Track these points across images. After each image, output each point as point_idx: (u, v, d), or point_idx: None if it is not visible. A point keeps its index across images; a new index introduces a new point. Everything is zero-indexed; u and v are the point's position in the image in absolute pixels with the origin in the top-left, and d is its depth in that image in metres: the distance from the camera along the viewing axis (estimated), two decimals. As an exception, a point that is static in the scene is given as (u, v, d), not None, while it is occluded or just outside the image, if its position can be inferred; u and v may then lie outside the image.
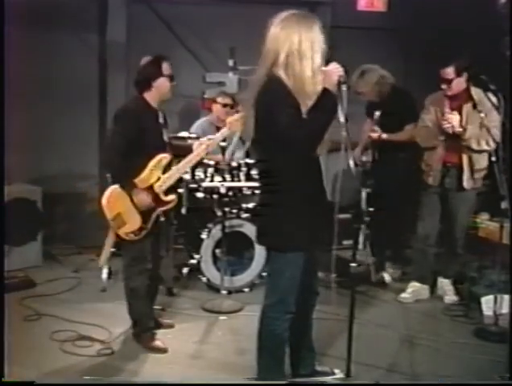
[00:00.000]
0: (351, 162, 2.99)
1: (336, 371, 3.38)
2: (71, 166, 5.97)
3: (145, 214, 3.72)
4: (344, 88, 2.83)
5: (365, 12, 6.54)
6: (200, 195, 4.88)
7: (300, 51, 2.80)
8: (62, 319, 4.14)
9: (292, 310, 2.99)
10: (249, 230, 4.79)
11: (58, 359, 3.64)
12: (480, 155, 4.48)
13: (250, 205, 5.03)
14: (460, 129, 4.36)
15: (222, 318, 4.36)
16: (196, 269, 4.84)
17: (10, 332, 3.56)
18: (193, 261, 4.85)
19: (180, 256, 5.19)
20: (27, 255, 5.18)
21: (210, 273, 4.80)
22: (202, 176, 4.85)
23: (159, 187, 3.75)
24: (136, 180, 3.68)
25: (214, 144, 3.93)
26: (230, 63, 5.62)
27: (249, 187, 4.91)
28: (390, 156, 5.03)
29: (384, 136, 4.98)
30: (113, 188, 3.70)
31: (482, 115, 4.28)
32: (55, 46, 5.60)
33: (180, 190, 4.77)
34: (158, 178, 3.75)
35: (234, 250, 4.82)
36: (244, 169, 4.91)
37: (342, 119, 2.84)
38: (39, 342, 3.84)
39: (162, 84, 3.75)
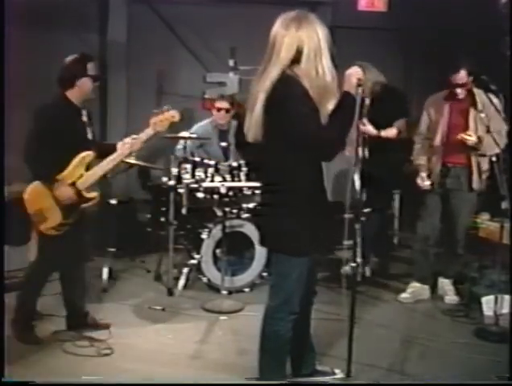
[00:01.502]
0: (356, 177, 2.99)
1: (337, 370, 3.37)
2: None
3: (66, 210, 3.74)
4: (359, 90, 2.83)
5: (365, 12, 6.55)
6: (200, 195, 4.88)
7: (321, 48, 2.78)
8: (62, 319, 4.14)
9: (297, 311, 2.98)
10: (250, 230, 4.79)
11: (58, 359, 3.64)
12: (484, 157, 4.49)
13: (251, 205, 5.03)
14: (476, 140, 4.37)
15: (222, 318, 4.36)
16: (197, 269, 4.85)
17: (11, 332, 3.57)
18: (193, 261, 4.85)
19: (180, 256, 5.21)
20: (27, 255, 5.16)
21: (210, 273, 4.80)
22: (202, 176, 4.85)
23: (82, 184, 3.77)
24: (59, 176, 3.71)
25: (138, 143, 3.88)
26: (231, 63, 5.63)
27: (249, 187, 4.92)
28: (380, 156, 5.00)
29: (374, 131, 4.95)
30: (35, 184, 3.73)
31: (483, 115, 4.29)
32: (55, 46, 5.59)
33: (180, 191, 4.78)
34: (81, 175, 3.77)
35: (235, 250, 4.82)
36: (244, 169, 4.91)
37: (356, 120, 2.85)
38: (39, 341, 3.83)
39: (85, 84, 3.77)
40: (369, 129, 4.93)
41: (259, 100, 2.80)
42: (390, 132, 4.98)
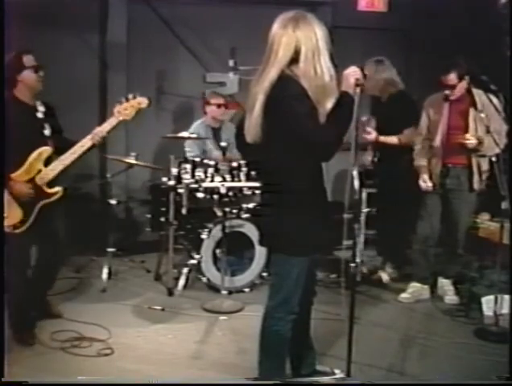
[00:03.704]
0: (354, 172, 2.99)
1: (337, 371, 3.37)
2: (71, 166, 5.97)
3: (26, 206, 3.72)
4: (358, 90, 2.82)
5: (365, 12, 6.54)
6: (200, 195, 4.89)
7: (319, 48, 2.78)
8: (62, 319, 4.14)
9: (296, 311, 2.98)
10: (250, 230, 4.79)
11: (58, 359, 3.64)
12: (484, 157, 4.50)
13: (251, 205, 5.03)
14: (476, 142, 4.36)
15: (222, 318, 4.36)
16: (197, 269, 4.84)
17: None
18: (193, 261, 4.85)
19: (180, 256, 5.21)
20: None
21: (210, 273, 4.80)
22: (202, 176, 4.86)
23: (41, 179, 3.76)
24: (14, 174, 3.69)
25: (100, 134, 3.85)
26: (231, 63, 5.62)
27: (249, 187, 4.92)
28: (392, 156, 5.01)
29: (381, 138, 4.96)
30: None
31: (483, 115, 4.29)
32: (55, 46, 5.59)
33: (180, 191, 4.78)
34: (40, 171, 3.76)
35: (234, 250, 4.82)
36: (244, 169, 4.91)
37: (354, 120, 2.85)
38: (39, 342, 3.83)
39: (27, 77, 3.73)
40: (372, 136, 4.94)
41: (258, 101, 2.80)
42: (390, 139, 4.96)
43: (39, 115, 3.85)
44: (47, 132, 3.86)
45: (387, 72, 4.99)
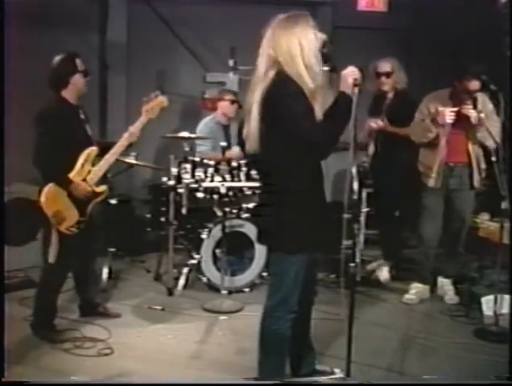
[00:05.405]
0: (353, 170, 3.00)
1: (336, 370, 3.37)
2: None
3: (81, 207, 3.85)
4: (356, 90, 2.83)
5: (365, 12, 6.55)
6: (200, 194, 4.89)
7: (312, 49, 2.81)
8: (62, 319, 4.14)
9: (295, 310, 2.99)
10: (250, 230, 4.79)
11: (58, 359, 3.64)
12: (482, 155, 4.51)
13: (251, 205, 5.03)
14: (476, 115, 4.32)
15: (222, 318, 4.36)
16: (197, 269, 4.85)
17: (10, 332, 3.57)
18: (193, 261, 4.85)
19: (180, 256, 5.20)
20: (27, 255, 5.17)
21: (210, 273, 4.80)
22: (202, 176, 4.86)
23: (91, 180, 3.88)
24: (70, 176, 3.80)
25: (135, 133, 3.97)
26: (231, 63, 5.63)
27: (249, 187, 4.92)
28: (391, 155, 5.02)
29: (389, 128, 5.02)
30: (50, 186, 3.79)
31: (482, 115, 4.29)
32: (55, 46, 5.58)
33: (180, 191, 4.78)
34: (89, 172, 3.88)
35: (234, 250, 4.82)
36: (244, 169, 4.92)
37: (352, 120, 2.86)
38: (39, 342, 3.83)
39: (78, 80, 3.88)
40: (384, 123, 5.00)
41: (255, 100, 2.84)
42: (399, 129, 4.96)
43: (82, 116, 3.98)
44: (89, 132, 3.99)
45: (400, 69, 5.13)
